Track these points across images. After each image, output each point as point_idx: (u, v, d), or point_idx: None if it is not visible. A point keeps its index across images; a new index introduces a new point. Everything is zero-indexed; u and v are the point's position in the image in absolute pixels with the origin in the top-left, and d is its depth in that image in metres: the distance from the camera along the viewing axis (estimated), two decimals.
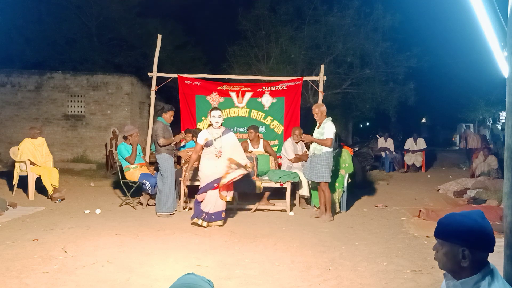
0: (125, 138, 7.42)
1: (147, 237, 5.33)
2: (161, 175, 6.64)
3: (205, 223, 5.88)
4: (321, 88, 8.24)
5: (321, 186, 6.49)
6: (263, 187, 7.06)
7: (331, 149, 6.45)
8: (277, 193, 7.49)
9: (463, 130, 21.54)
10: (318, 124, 6.59)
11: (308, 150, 6.90)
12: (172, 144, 6.84)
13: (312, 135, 6.62)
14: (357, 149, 13.66)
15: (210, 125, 6.19)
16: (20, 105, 13.71)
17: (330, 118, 6.55)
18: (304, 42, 14.98)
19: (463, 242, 1.65)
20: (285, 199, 7.11)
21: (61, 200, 7.62)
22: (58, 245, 4.84)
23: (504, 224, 2.28)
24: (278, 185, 6.99)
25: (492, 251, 1.67)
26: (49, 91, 13.77)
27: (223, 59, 15.97)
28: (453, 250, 1.67)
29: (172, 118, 6.87)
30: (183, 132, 7.67)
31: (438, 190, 9.64)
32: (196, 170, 7.01)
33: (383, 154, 13.78)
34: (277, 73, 13.44)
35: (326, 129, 6.38)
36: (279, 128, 8.42)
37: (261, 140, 7.81)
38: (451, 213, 1.75)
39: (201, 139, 6.02)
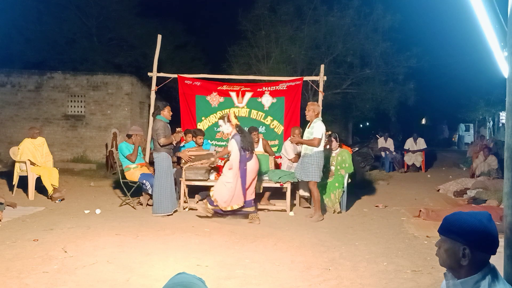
0: (128, 136, 7.42)
1: (147, 237, 5.32)
2: (157, 175, 6.61)
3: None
4: (321, 88, 8.24)
5: (309, 185, 6.53)
6: (263, 187, 7.05)
7: (322, 149, 6.48)
8: (277, 193, 7.49)
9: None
10: (308, 124, 6.62)
11: None
12: (173, 143, 6.83)
13: (303, 135, 6.67)
14: (357, 149, 13.65)
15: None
16: (20, 105, 13.70)
17: (320, 118, 6.58)
18: (304, 42, 14.96)
19: (464, 241, 1.65)
20: (285, 199, 7.12)
21: (61, 200, 7.62)
22: (58, 245, 4.84)
23: (504, 224, 2.28)
24: (278, 185, 6.99)
25: (494, 253, 1.67)
26: (49, 91, 13.76)
27: (223, 59, 15.96)
28: (454, 248, 1.68)
29: (171, 113, 6.85)
30: (180, 129, 7.60)
31: (438, 190, 9.64)
32: (195, 170, 7.02)
33: (383, 154, 13.77)
34: (277, 73, 13.42)
35: (315, 128, 6.41)
36: (279, 128, 8.42)
37: (261, 140, 7.81)
38: (458, 211, 1.75)
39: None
